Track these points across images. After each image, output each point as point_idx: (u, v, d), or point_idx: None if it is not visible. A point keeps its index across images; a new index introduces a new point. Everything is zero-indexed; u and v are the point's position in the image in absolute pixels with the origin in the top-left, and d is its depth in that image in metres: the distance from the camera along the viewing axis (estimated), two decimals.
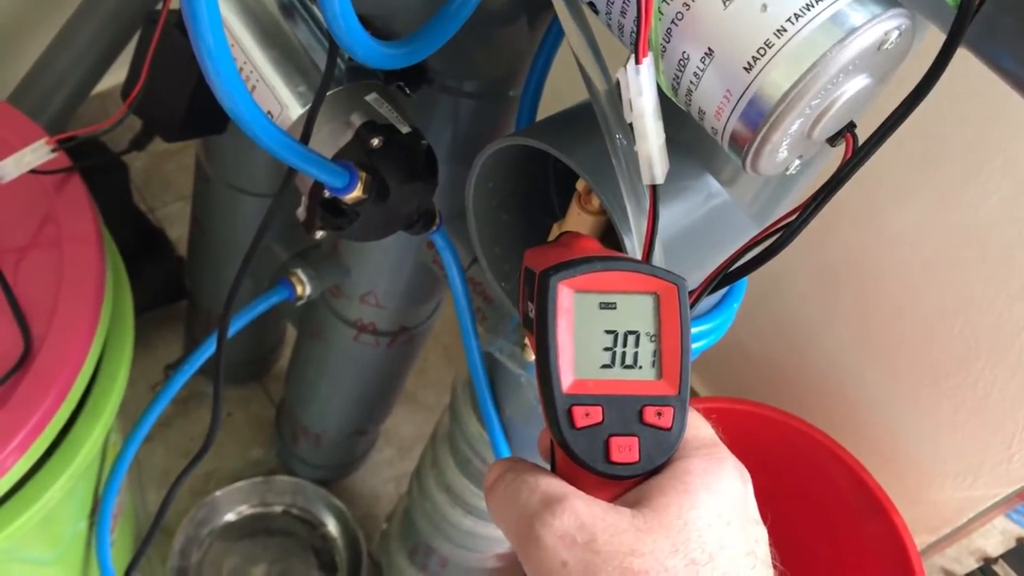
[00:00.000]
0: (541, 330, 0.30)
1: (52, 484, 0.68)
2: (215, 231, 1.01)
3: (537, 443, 0.35)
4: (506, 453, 0.74)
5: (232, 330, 0.85)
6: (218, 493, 1.15)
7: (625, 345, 0.31)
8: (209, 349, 0.87)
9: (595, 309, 0.31)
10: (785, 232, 0.36)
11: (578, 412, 0.30)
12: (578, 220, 0.50)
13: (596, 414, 0.30)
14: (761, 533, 0.31)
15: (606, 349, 0.31)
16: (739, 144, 0.33)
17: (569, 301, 0.30)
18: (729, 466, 0.31)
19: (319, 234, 0.57)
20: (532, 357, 0.64)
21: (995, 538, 1.06)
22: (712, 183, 0.48)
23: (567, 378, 0.30)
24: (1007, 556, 1.04)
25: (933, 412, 0.97)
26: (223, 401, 0.75)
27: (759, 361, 1.13)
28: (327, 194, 0.53)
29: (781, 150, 0.34)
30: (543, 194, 0.58)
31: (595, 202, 0.48)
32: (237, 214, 0.96)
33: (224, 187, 0.94)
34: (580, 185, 0.49)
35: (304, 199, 0.55)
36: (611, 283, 0.31)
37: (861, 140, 0.34)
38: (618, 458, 0.30)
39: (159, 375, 1.19)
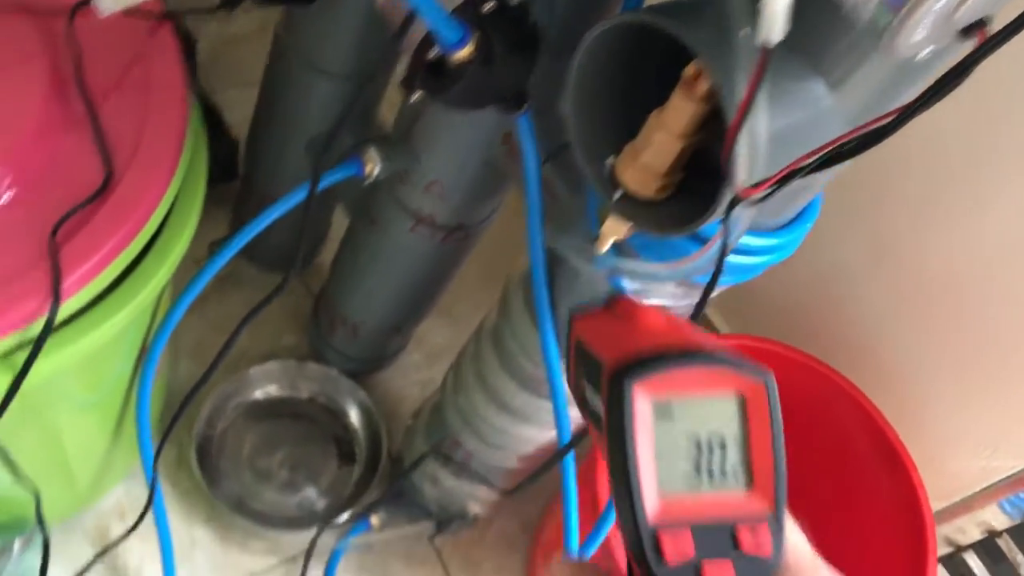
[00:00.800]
0: (618, 444, 0.27)
1: (114, 314, 0.70)
2: (282, 111, 1.02)
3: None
4: (555, 353, 0.76)
5: (293, 202, 0.87)
6: (251, 370, 1.17)
7: (711, 453, 0.28)
8: (258, 227, 0.89)
9: (675, 415, 0.27)
10: (899, 117, 0.37)
11: (666, 540, 0.27)
12: (680, 108, 0.51)
13: (686, 543, 0.27)
14: None
15: (690, 459, 0.28)
16: (892, 7, 0.34)
17: (648, 409, 0.27)
18: None
19: (414, 96, 0.58)
20: (603, 249, 0.66)
21: (1002, 514, 1.08)
22: (818, 87, 0.49)
23: (651, 500, 0.27)
24: (1012, 531, 1.05)
25: (962, 379, 0.98)
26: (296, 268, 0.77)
27: (791, 307, 1.13)
28: (433, 54, 0.54)
29: (922, 27, 0.34)
30: (640, 87, 0.58)
31: (702, 87, 0.49)
32: (310, 95, 0.97)
33: (300, 65, 0.95)
34: (689, 70, 0.50)
35: (408, 57, 0.56)
36: (692, 383, 0.27)
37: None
38: None
39: (203, 251, 1.21)
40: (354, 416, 1.20)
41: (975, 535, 1.08)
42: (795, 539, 0.29)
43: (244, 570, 1.10)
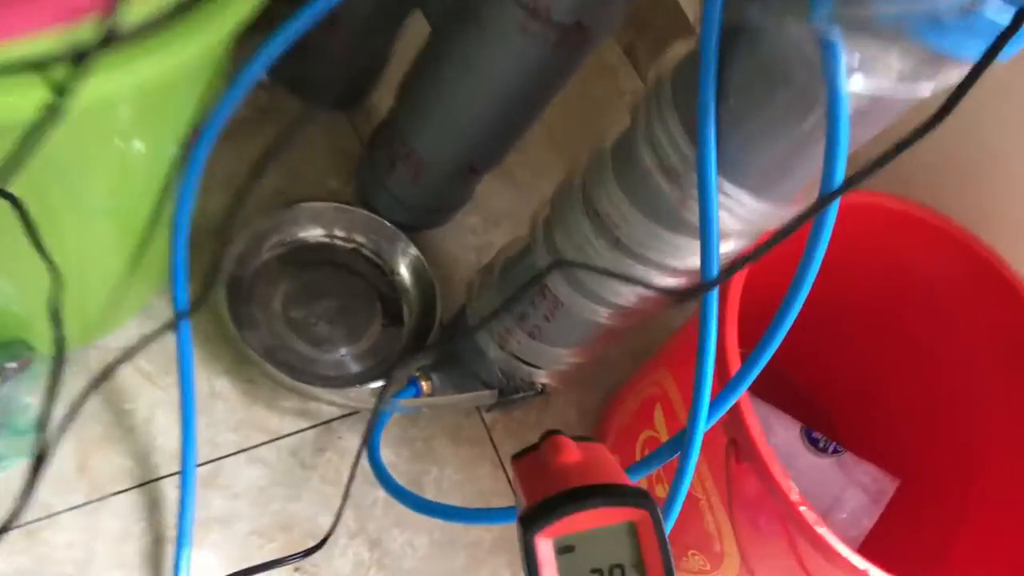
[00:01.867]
0: None
1: (181, 44, 0.55)
2: None
3: None
4: (712, 163, 0.61)
5: None
6: (290, 208, 1.02)
7: None
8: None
9: (576, 550, 0.31)
10: None
11: None
12: None
13: None
14: None
15: None
16: None
17: (550, 551, 0.31)
18: None
19: None
20: None
21: None
22: None
23: None
24: None
25: None
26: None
27: (939, 163, 0.99)
28: None
29: None
30: None
31: None
32: None
33: None
34: None
35: None
36: (587, 522, 0.31)
37: None
38: None
39: None
40: (404, 273, 1.05)
41: None
42: None
43: (270, 430, 0.96)
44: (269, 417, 0.96)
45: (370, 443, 0.90)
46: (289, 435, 0.96)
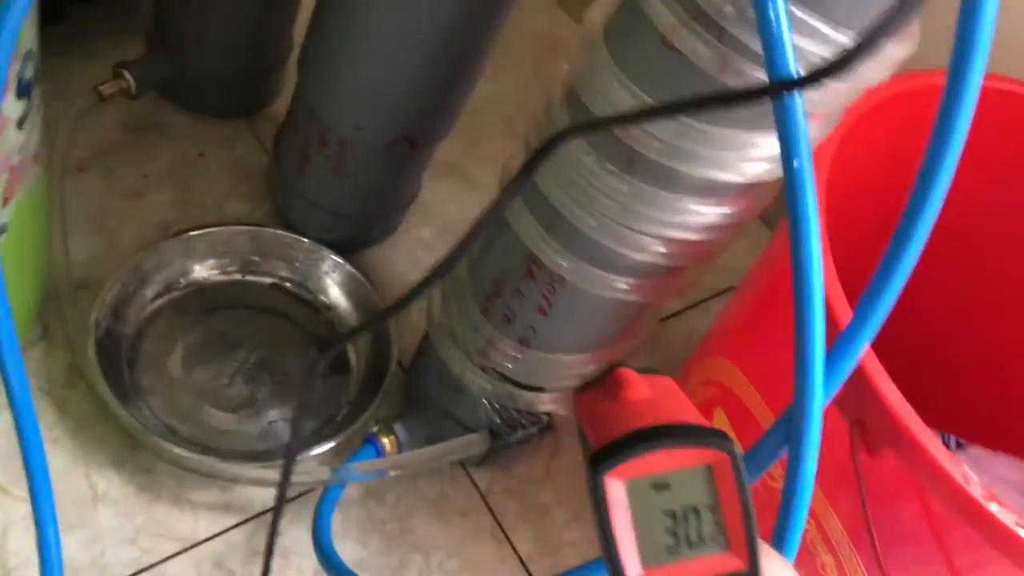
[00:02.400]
0: (599, 526, 0.29)
1: None
2: None
3: None
4: None
5: None
6: (180, 238, 0.77)
7: (687, 523, 0.30)
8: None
9: (649, 492, 0.30)
10: None
11: None
12: None
13: None
14: None
15: (668, 531, 0.30)
16: None
17: (621, 492, 0.29)
18: None
19: None
20: None
21: None
22: None
23: (634, 573, 0.29)
24: None
25: None
26: None
27: None
28: None
29: None
30: None
31: None
32: None
33: None
34: None
35: None
36: (661, 463, 0.29)
37: None
38: None
39: (107, 75, 0.81)
40: (344, 306, 0.80)
41: None
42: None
43: (181, 536, 0.69)
44: (179, 518, 0.69)
45: (316, 531, 0.63)
46: (209, 538, 0.69)
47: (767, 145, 0.48)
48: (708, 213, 0.52)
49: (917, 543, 0.51)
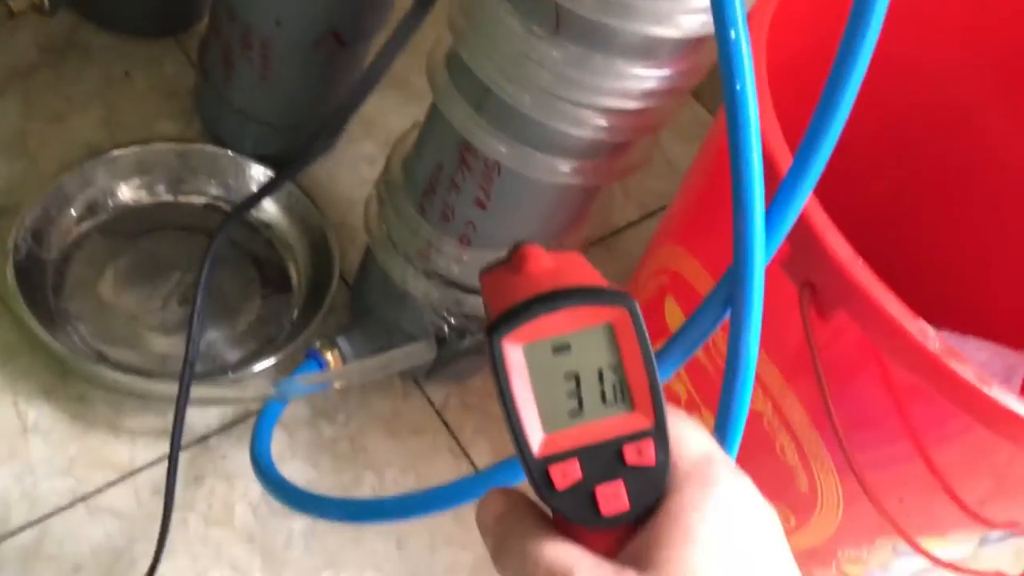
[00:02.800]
0: (498, 394, 0.28)
1: None
2: None
3: None
4: None
5: None
6: (104, 156, 0.73)
7: (589, 385, 0.29)
8: None
9: (549, 356, 0.29)
10: None
11: (555, 472, 0.28)
12: None
13: (574, 470, 0.28)
14: (769, 531, 0.29)
15: (570, 395, 0.29)
16: None
17: (519, 357, 0.29)
18: (724, 485, 0.29)
19: None
20: None
21: None
22: None
23: (535, 438, 0.29)
24: None
25: None
26: None
27: None
28: None
29: None
30: None
31: None
32: None
33: None
34: None
35: None
36: (559, 325, 0.29)
37: None
38: (608, 510, 0.28)
39: None
40: (283, 223, 0.76)
41: None
42: (687, 434, 0.30)
43: (118, 464, 0.66)
44: (115, 446, 0.66)
45: (254, 448, 0.60)
46: (148, 466, 0.66)
47: None
48: (647, 76, 0.48)
49: (880, 422, 0.49)
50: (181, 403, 0.61)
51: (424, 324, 0.66)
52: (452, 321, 0.66)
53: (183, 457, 0.67)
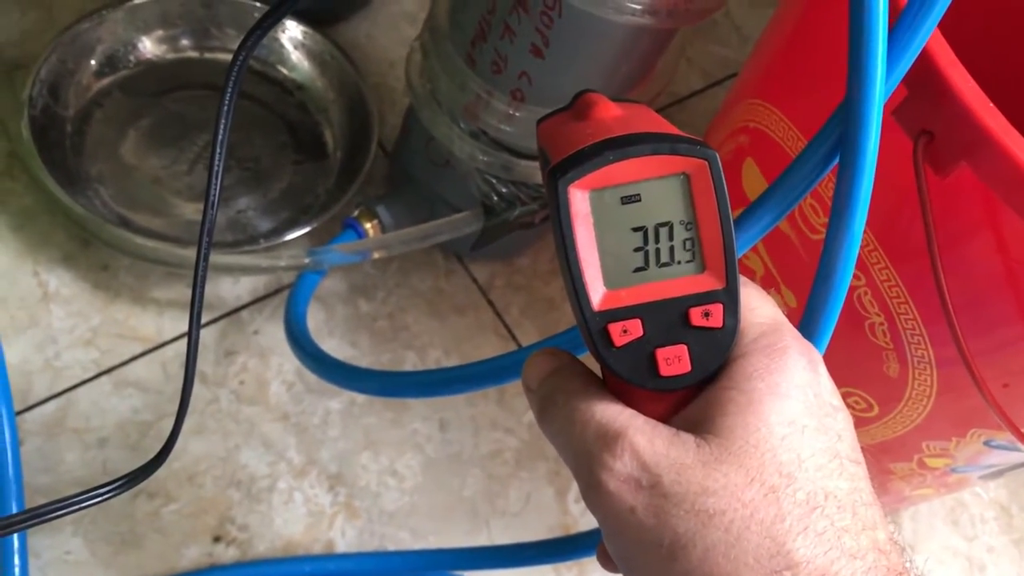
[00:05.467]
0: (559, 243, 0.27)
1: None
2: None
3: None
4: None
5: None
6: (120, 7, 0.67)
7: (658, 241, 0.27)
8: None
9: (617, 206, 0.27)
10: None
11: (615, 329, 0.27)
12: None
13: (635, 328, 0.27)
14: (842, 423, 0.27)
15: (637, 249, 0.27)
16: None
17: (585, 205, 0.27)
18: (793, 355, 0.27)
19: None
20: None
21: None
22: None
23: (597, 293, 0.27)
24: None
25: None
26: None
27: None
28: None
29: None
30: None
31: None
32: None
33: None
34: None
35: None
36: (630, 173, 0.26)
37: None
38: (668, 371, 0.27)
39: None
40: (318, 86, 0.70)
41: None
42: (755, 303, 0.28)
43: (144, 336, 0.62)
44: (141, 317, 0.62)
45: (289, 318, 0.56)
46: (176, 339, 0.62)
47: None
48: None
49: (992, 298, 0.43)
50: (201, 257, 0.57)
51: (470, 192, 0.61)
52: (501, 189, 0.60)
53: (212, 331, 0.63)
